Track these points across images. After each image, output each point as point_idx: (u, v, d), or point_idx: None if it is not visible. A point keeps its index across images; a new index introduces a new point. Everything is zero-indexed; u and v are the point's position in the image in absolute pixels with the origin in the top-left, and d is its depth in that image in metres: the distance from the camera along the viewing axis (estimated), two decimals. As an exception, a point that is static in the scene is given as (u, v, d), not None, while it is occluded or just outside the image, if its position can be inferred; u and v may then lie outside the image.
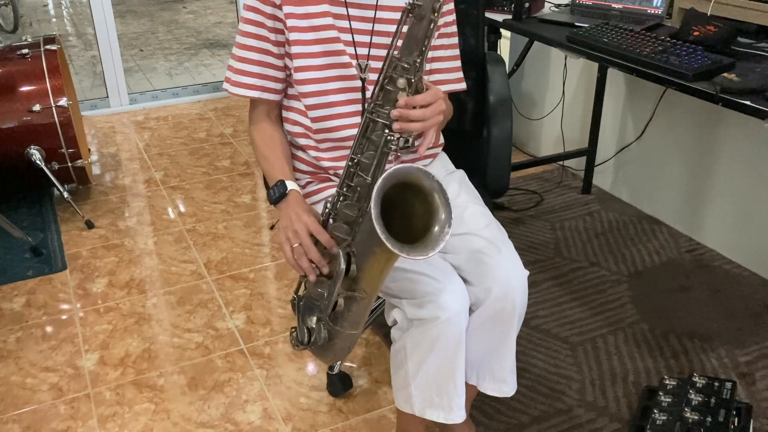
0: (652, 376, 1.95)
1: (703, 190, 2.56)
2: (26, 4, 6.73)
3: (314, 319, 1.42)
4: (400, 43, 1.25)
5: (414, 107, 1.24)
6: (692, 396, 1.73)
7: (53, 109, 2.64)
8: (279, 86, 1.49)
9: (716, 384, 1.76)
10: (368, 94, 1.45)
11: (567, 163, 3.13)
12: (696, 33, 1.93)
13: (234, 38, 1.48)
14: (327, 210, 1.36)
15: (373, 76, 1.43)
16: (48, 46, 2.72)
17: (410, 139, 1.27)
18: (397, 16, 1.31)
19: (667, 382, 1.81)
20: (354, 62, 1.44)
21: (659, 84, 1.86)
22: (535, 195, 2.94)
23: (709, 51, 1.82)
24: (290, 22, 1.41)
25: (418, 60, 1.22)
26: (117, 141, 3.57)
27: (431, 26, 1.20)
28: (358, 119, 1.46)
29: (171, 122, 3.79)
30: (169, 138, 3.58)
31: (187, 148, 3.45)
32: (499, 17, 2.37)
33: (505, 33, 3.15)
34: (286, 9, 1.41)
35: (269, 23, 1.42)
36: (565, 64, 2.95)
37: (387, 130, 1.25)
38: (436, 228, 1.21)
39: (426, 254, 1.18)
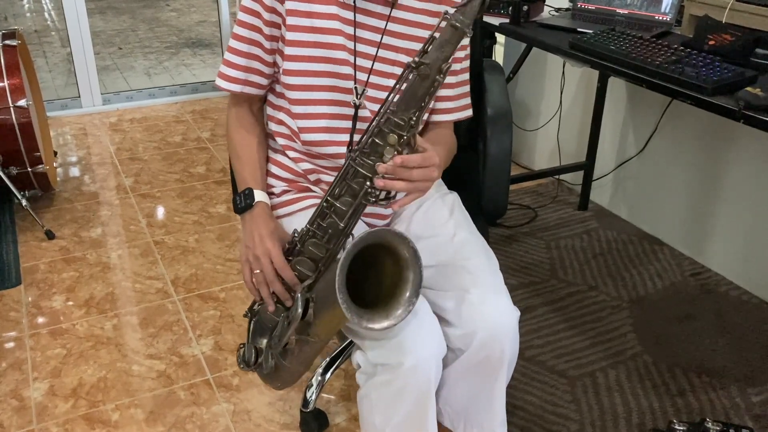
0: (657, 416, 1.78)
1: (709, 209, 2.40)
2: (3, -2, 6.50)
3: (264, 341, 1.36)
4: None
5: (403, 167, 1.11)
6: (705, 444, 1.56)
7: (11, 109, 2.44)
8: (264, 81, 1.35)
9: (732, 431, 1.59)
10: (359, 124, 1.31)
11: (563, 177, 2.95)
12: (711, 42, 1.76)
13: (217, 37, 1.33)
14: (295, 239, 1.25)
15: (369, 104, 1.30)
16: (7, 42, 2.51)
17: (392, 192, 1.17)
18: (406, 44, 1.28)
19: (676, 427, 1.64)
20: (352, 79, 1.28)
21: (672, 98, 1.69)
22: (529, 210, 2.77)
23: (727, 62, 1.66)
24: (291, 20, 1.26)
25: (414, 117, 1.10)
26: (86, 144, 3.36)
27: (434, 86, 1.08)
28: (345, 137, 1.32)
29: (145, 124, 3.59)
30: (143, 141, 3.38)
31: (161, 152, 3.25)
32: (495, 21, 2.20)
33: (500, 39, 2.98)
34: (289, 5, 1.25)
35: (266, 15, 1.27)
36: (563, 72, 2.78)
37: (368, 183, 1.14)
38: (406, 294, 1.13)
39: (382, 324, 1.11)
